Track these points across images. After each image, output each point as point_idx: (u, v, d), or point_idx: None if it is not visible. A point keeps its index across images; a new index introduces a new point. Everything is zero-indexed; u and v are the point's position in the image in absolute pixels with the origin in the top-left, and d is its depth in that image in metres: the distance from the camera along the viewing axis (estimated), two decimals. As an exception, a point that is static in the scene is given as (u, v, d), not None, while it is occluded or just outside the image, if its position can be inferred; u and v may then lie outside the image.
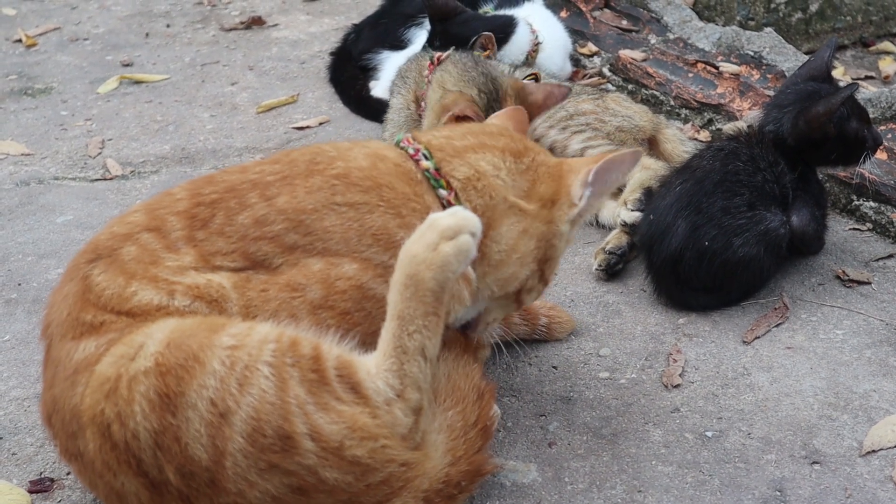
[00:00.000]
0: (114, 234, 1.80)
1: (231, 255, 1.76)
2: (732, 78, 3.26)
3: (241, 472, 1.58)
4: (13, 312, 2.53)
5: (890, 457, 1.96)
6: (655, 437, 2.03)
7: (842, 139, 2.44)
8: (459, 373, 1.90)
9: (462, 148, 1.92)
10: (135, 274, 1.73)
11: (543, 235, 1.91)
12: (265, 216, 1.78)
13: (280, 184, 1.82)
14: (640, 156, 1.96)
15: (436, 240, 1.66)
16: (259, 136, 3.46)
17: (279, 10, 4.67)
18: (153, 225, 1.79)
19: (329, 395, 1.61)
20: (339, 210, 1.79)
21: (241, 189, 1.82)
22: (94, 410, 1.63)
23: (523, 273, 1.92)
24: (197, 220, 1.78)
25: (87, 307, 1.72)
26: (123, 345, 1.65)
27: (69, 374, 1.68)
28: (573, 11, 3.97)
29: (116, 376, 1.62)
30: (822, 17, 4.03)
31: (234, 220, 1.78)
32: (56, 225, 2.95)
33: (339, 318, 1.76)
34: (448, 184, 1.87)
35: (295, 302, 1.74)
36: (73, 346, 1.70)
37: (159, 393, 1.58)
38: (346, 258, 1.78)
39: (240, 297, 1.73)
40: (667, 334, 2.35)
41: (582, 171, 1.91)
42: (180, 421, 1.58)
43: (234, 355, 1.60)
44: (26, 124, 3.65)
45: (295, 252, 1.77)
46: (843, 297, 2.45)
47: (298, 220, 1.78)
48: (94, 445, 1.63)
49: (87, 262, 1.78)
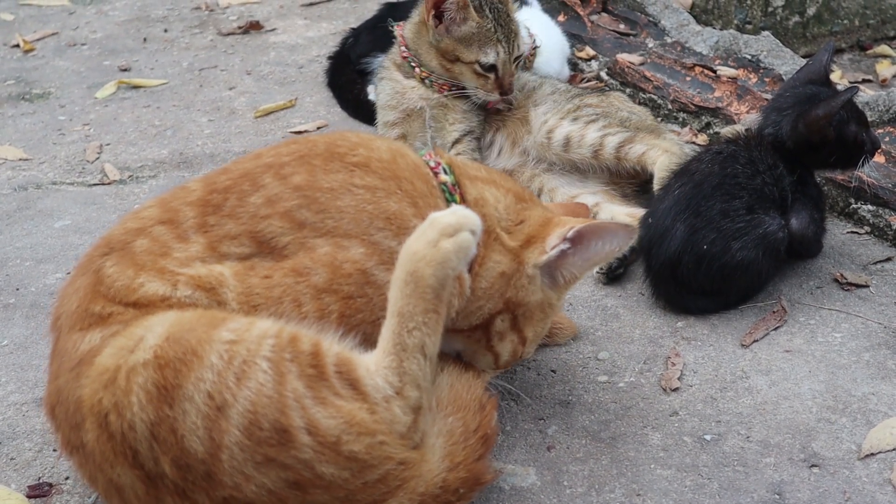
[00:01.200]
0: (127, 228, 1.83)
1: (239, 239, 1.78)
2: (730, 81, 3.27)
3: (237, 465, 1.59)
4: (11, 317, 2.53)
5: (888, 460, 1.96)
6: (654, 441, 2.03)
7: (841, 142, 2.45)
8: (462, 383, 1.91)
9: (475, 177, 1.99)
10: (144, 266, 1.76)
11: (511, 272, 1.91)
12: (278, 194, 1.81)
13: (296, 163, 1.85)
14: (633, 233, 1.93)
15: (436, 237, 1.68)
16: (257, 140, 3.46)
17: (277, 15, 4.67)
18: (166, 217, 1.82)
19: (327, 391, 1.62)
20: (355, 191, 1.82)
21: (255, 173, 1.86)
22: (92, 400, 1.63)
23: (487, 305, 1.92)
24: (210, 205, 1.81)
25: (96, 299, 1.75)
26: (124, 337, 1.67)
27: (73, 366, 1.69)
28: (571, 15, 3.98)
29: (115, 367, 1.63)
30: (820, 21, 4.03)
31: (246, 201, 1.81)
32: (54, 230, 2.95)
33: (341, 302, 1.77)
34: (463, 199, 1.92)
35: (300, 286, 1.75)
36: (79, 338, 1.72)
37: (157, 385, 1.59)
38: (355, 240, 1.79)
39: (239, 283, 1.75)
40: (665, 338, 2.35)
41: (567, 226, 1.91)
42: (177, 413, 1.58)
43: (232, 349, 1.61)
44: (24, 129, 3.65)
45: (304, 229, 1.79)
46: (842, 300, 2.46)
47: (313, 197, 1.80)
48: (93, 436, 1.64)
49: (100, 255, 1.81)
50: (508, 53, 2.94)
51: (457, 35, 2.92)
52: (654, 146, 2.82)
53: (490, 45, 2.91)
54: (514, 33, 2.97)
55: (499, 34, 2.92)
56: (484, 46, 2.91)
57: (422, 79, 3.04)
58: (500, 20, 2.94)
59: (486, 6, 2.93)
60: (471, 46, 2.92)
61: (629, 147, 2.84)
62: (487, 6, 2.93)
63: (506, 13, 2.97)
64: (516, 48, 2.97)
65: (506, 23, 2.95)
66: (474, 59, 2.93)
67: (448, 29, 2.93)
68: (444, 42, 2.95)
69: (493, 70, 2.94)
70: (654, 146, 2.82)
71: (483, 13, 2.92)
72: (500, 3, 2.96)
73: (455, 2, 2.87)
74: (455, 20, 2.91)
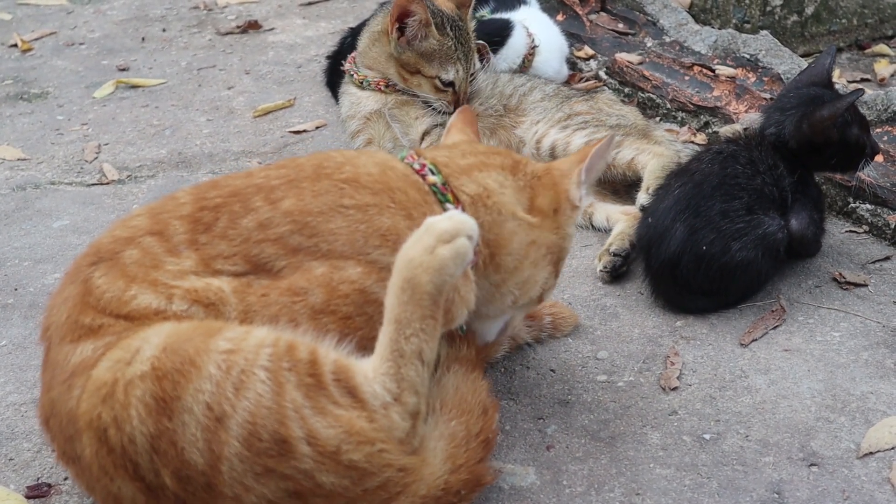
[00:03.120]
0: (116, 237, 1.80)
1: (232, 259, 1.76)
2: (728, 81, 3.27)
3: (237, 476, 1.58)
4: (9, 317, 2.53)
5: (887, 458, 1.96)
6: (653, 440, 2.03)
7: (843, 144, 2.45)
8: (468, 387, 1.91)
9: (467, 166, 1.96)
10: (135, 277, 1.73)
11: (554, 243, 1.99)
12: (270, 219, 1.78)
13: (286, 187, 1.83)
14: (615, 139, 2.04)
15: (433, 243, 1.66)
16: (256, 140, 3.46)
17: (275, 15, 4.67)
18: (156, 229, 1.79)
19: (326, 399, 1.61)
20: (346, 213, 1.80)
21: (245, 193, 1.82)
22: (90, 415, 1.62)
23: (541, 277, 1.99)
24: (200, 223, 1.78)
25: (86, 310, 1.72)
26: (120, 349, 1.65)
27: (66, 378, 1.68)
28: (569, 15, 3.98)
29: (113, 381, 1.61)
30: (818, 20, 4.03)
31: (238, 224, 1.78)
32: (52, 230, 2.95)
33: (340, 322, 1.76)
34: (455, 198, 1.90)
35: (296, 306, 1.74)
36: (71, 349, 1.70)
37: (155, 397, 1.58)
38: (351, 261, 1.78)
39: (239, 301, 1.73)
40: (664, 337, 2.35)
41: (573, 173, 1.98)
42: (176, 425, 1.57)
43: (230, 359, 1.60)
44: (22, 129, 3.65)
45: (298, 254, 1.77)
46: (840, 299, 2.46)
47: (304, 222, 1.78)
48: (91, 450, 1.63)
49: (88, 264, 1.78)
50: (466, 71, 3.04)
51: (419, 49, 3.00)
52: (642, 151, 2.84)
53: (451, 63, 3.01)
54: (471, 51, 3.07)
55: (459, 53, 3.01)
56: (445, 64, 3.01)
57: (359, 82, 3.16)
58: (460, 39, 3.02)
59: (447, 25, 3.00)
60: (432, 62, 3.01)
61: (616, 152, 2.86)
62: (449, 25, 3.00)
63: (466, 31, 3.05)
64: (472, 66, 3.08)
65: (465, 41, 3.04)
66: (435, 75, 3.02)
67: (410, 42, 3.00)
68: (405, 54, 3.02)
69: (452, 86, 3.04)
70: (642, 151, 2.84)
71: (444, 31, 2.99)
72: (461, 22, 3.04)
73: (417, 19, 2.94)
74: (417, 36, 2.98)
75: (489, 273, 1.93)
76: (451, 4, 3.06)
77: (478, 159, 1.99)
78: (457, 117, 2.23)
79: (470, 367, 1.98)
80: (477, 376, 1.96)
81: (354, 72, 3.19)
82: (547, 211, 1.97)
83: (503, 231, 1.92)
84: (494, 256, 1.92)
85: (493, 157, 2.01)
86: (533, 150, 2.97)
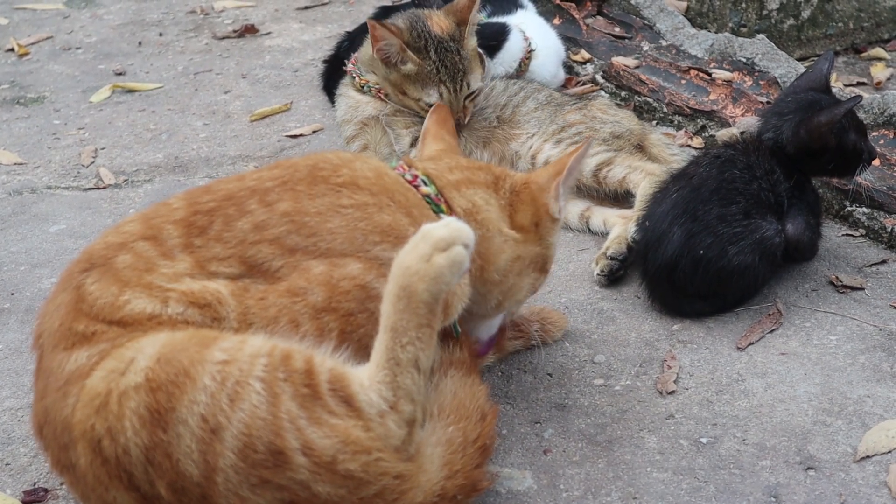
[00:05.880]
0: (108, 243, 1.79)
1: (228, 261, 1.75)
2: (725, 84, 3.27)
3: (232, 487, 1.58)
4: (6, 322, 2.53)
5: (884, 462, 1.96)
6: (650, 444, 2.03)
7: (840, 150, 2.46)
8: (466, 392, 1.91)
9: (456, 182, 1.99)
10: (129, 282, 1.72)
11: (538, 254, 2.04)
12: (266, 220, 1.78)
13: (280, 189, 1.82)
14: (591, 144, 2.06)
15: (429, 251, 1.65)
16: (252, 144, 3.46)
17: (272, 19, 4.67)
18: (149, 234, 1.78)
19: (322, 409, 1.60)
20: (344, 212, 1.81)
21: (239, 196, 1.82)
22: (84, 425, 1.61)
23: (526, 284, 2.05)
24: (194, 227, 1.78)
25: (79, 317, 1.71)
26: (114, 359, 1.64)
27: (60, 386, 1.67)
28: (566, 19, 3.98)
29: (107, 391, 1.60)
30: (814, 24, 4.04)
31: (233, 226, 1.78)
32: (49, 234, 2.95)
33: (341, 320, 1.75)
34: (449, 208, 1.92)
35: (296, 306, 1.73)
36: (64, 357, 1.69)
37: (150, 409, 1.57)
38: (351, 258, 1.77)
39: (238, 304, 1.72)
40: (661, 341, 2.35)
41: (551, 187, 2.01)
42: (171, 437, 1.57)
43: (225, 370, 1.59)
44: (19, 133, 3.65)
45: (296, 254, 1.76)
46: (837, 302, 2.46)
47: (301, 222, 1.78)
48: (86, 460, 1.63)
49: (80, 271, 1.77)
50: (453, 93, 2.93)
51: (402, 72, 2.95)
52: (635, 169, 2.81)
53: (432, 86, 2.92)
54: (461, 72, 2.93)
55: (441, 75, 2.90)
56: (426, 87, 2.93)
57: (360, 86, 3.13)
58: (444, 61, 2.90)
59: (430, 47, 2.91)
60: (415, 84, 2.95)
61: (608, 170, 2.83)
62: (433, 47, 2.91)
63: (455, 51, 2.92)
64: (465, 87, 2.94)
65: (452, 63, 2.91)
66: (418, 97, 2.96)
67: (393, 65, 2.95)
68: (392, 76, 2.98)
69: None
70: (635, 169, 2.81)
71: (425, 54, 2.91)
72: (450, 42, 2.93)
73: (392, 44, 2.89)
74: (396, 60, 2.93)
75: (476, 285, 1.95)
76: (448, 22, 2.97)
77: (464, 175, 2.02)
78: (430, 120, 2.22)
79: (467, 371, 1.97)
80: (475, 381, 1.96)
81: (357, 74, 3.15)
82: (528, 226, 2.01)
83: (491, 247, 1.95)
84: (483, 271, 1.95)
85: (478, 174, 2.04)
86: (529, 164, 2.95)
